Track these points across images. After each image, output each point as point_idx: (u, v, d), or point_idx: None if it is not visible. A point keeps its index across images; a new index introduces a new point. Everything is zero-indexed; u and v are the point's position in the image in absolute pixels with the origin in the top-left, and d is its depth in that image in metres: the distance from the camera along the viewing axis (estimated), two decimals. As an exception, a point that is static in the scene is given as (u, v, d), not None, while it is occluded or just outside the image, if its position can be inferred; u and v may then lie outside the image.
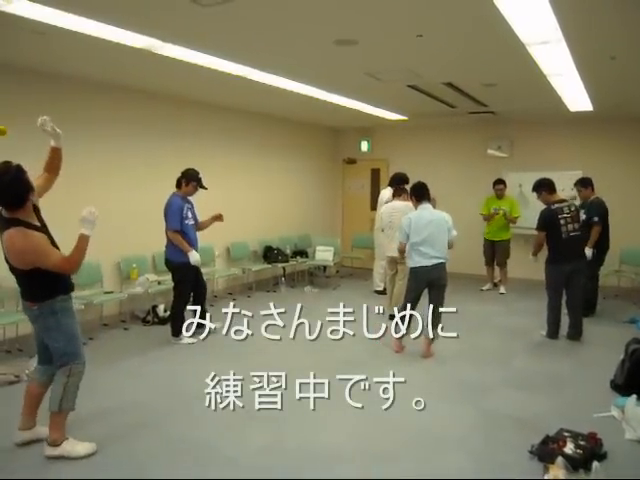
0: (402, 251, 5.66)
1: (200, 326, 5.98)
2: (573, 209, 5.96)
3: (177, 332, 5.74)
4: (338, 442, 3.67)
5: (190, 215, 5.88)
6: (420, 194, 5.53)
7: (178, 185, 5.87)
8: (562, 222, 5.86)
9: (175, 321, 5.77)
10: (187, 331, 5.78)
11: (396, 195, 6.86)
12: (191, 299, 5.97)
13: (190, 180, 5.78)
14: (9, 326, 5.42)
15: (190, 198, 5.93)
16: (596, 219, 6.60)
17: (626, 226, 7.65)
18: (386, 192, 7.73)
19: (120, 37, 4.32)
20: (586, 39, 4.32)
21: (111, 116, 6.49)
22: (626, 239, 7.80)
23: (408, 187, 6.60)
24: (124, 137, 6.66)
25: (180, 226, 5.70)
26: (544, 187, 6.03)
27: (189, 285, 5.88)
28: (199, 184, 5.84)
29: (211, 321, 6.31)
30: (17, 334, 5.50)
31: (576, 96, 6.66)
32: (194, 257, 5.71)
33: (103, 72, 5.81)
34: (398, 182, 7.07)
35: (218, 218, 6.12)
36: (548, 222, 5.93)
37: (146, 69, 5.61)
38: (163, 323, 6.53)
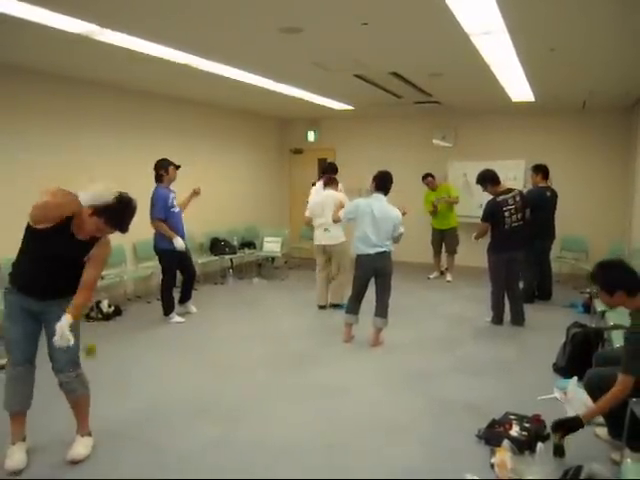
0: (336, 220, 5.82)
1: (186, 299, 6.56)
2: (518, 199, 6.07)
3: (167, 312, 6.32)
4: (292, 435, 3.63)
5: (175, 203, 6.16)
6: (379, 183, 5.46)
7: (159, 178, 6.06)
8: (506, 214, 5.98)
9: (164, 302, 6.30)
10: (169, 314, 6.28)
11: (327, 185, 6.89)
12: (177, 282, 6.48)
13: (168, 166, 6.06)
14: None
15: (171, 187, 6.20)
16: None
17: (566, 214, 7.89)
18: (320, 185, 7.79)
19: (55, 22, 4.09)
20: (527, 30, 4.39)
21: (53, 108, 6.26)
22: (566, 227, 8.06)
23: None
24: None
25: (164, 215, 5.96)
26: (488, 180, 6.13)
27: (175, 269, 6.32)
28: (176, 168, 6.12)
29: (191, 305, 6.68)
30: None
31: (518, 86, 6.80)
32: (178, 243, 6.03)
33: (38, 60, 5.54)
34: (330, 171, 7.14)
35: (195, 193, 6.45)
36: (492, 214, 6.05)
37: (84, 57, 5.39)
38: (107, 319, 6.36)
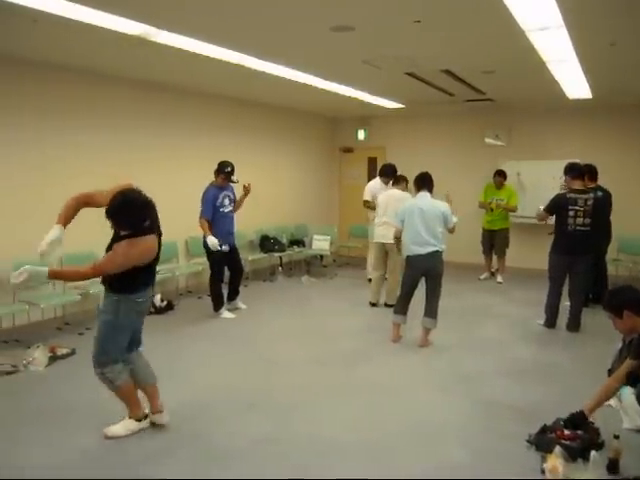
0: (397, 236, 5.65)
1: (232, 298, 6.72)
2: (590, 203, 5.76)
3: (217, 307, 6.49)
4: (338, 433, 3.65)
5: (227, 202, 6.34)
6: (420, 183, 5.50)
7: (215, 174, 6.30)
8: (571, 213, 5.77)
9: (213, 298, 6.47)
10: (219, 309, 6.45)
11: (395, 184, 7.00)
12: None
13: (219, 172, 6.25)
14: (5, 317, 5.43)
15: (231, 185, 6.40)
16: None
17: (624, 215, 7.60)
18: (374, 183, 7.80)
19: (113, 24, 4.22)
20: (586, 25, 4.25)
21: (109, 108, 6.49)
22: (624, 228, 7.77)
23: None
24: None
25: (210, 215, 6.18)
26: (570, 171, 5.96)
27: (222, 266, 6.45)
28: (226, 176, 6.23)
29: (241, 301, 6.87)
30: (14, 324, 5.52)
31: (575, 83, 6.60)
32: (210, 241, 6.11)
33: (90, 60, 5.73)
34: (393, 172, 7.31)
35: (246, 191, 6.48)
36: (555, 208, 5.92)
37: (143, 58, 5.54)
38: (159, 313, 6.53)
